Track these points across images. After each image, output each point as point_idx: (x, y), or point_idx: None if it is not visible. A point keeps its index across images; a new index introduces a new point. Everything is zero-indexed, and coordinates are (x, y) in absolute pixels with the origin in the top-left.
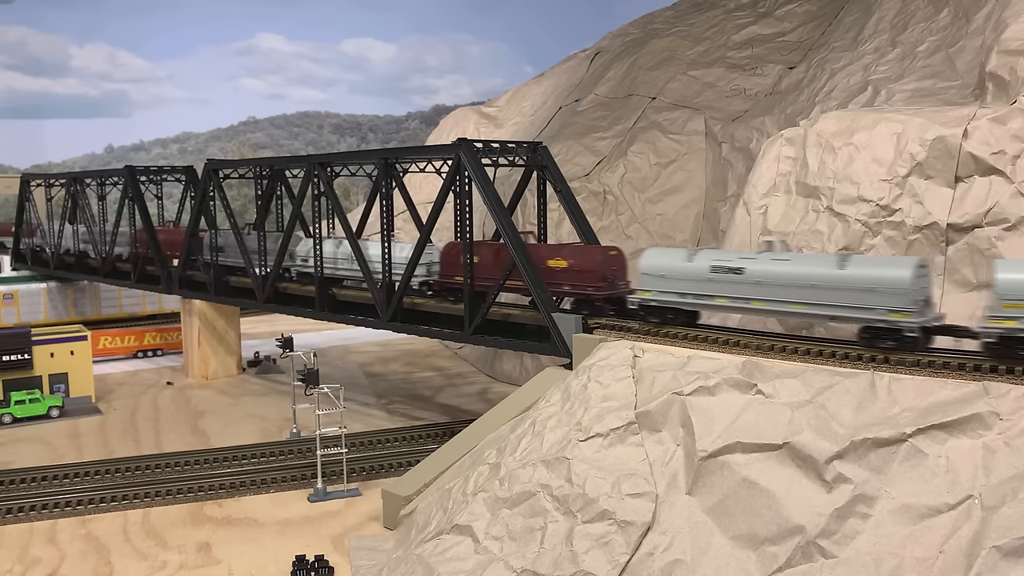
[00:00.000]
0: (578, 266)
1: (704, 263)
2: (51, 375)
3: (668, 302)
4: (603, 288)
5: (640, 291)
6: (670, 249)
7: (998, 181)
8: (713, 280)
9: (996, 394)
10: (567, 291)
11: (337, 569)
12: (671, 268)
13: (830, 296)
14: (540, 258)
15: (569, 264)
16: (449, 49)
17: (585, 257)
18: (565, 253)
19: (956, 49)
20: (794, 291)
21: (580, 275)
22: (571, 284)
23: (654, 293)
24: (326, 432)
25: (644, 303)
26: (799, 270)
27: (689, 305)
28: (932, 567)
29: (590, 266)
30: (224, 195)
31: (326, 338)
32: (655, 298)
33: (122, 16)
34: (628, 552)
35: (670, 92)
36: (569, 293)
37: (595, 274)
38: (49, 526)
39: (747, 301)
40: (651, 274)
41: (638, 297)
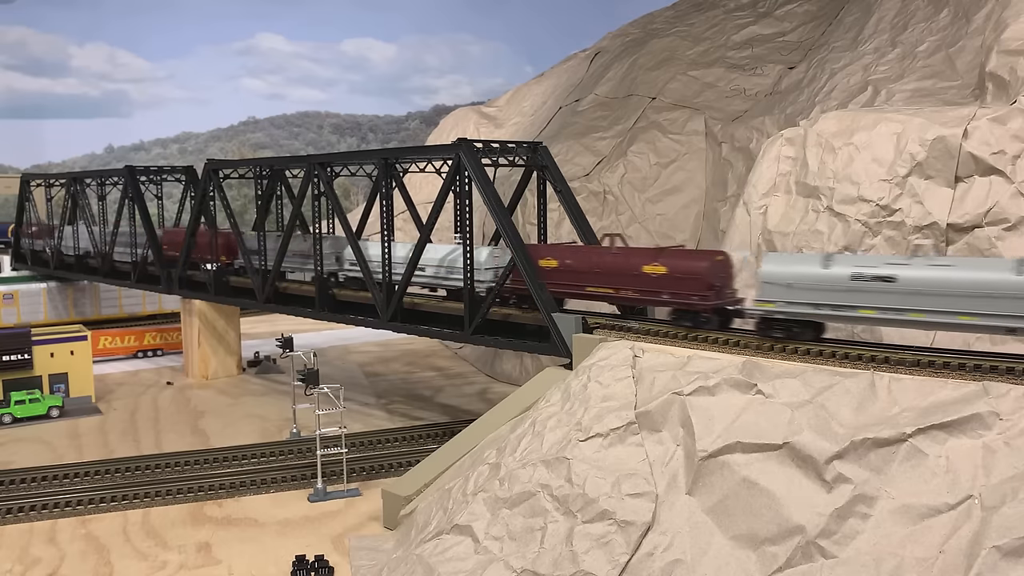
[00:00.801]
0: (680, 272)
1: (843, 270)
2: (51, 375)
3: (798, 314)
4: (710, 298)
5: (761, 302)
6: (796, 255)
7: (998, 181)
8: (855, 290)
9: (996, 394)
10: (665, 300)
11: (337, 569)
12: (801, 276)
13: (1009, 306)
14: (633, 264)
15: (669, 270)
16: (449, 49)
17: (688, 263)
18: (664, 258)
19: (956, 49)
20: (962, 301)
21: (682, 283)
22: (671, 293)
23: (779, 304)
24: (326, 432)
25: (768, 316)
26: (968, 276)
27: (824, 318)
28: (932, 567)
29: (695, 273)
30: (224, 195)
31: (326, 338)
32: (781, 310)
33: (122, 16)
34: (628, 552)
35: (670, 92)
36: (668, 303)
37: (700, 282)
38: (49, 526)
39: (901, 312)
40: (775, 283)
41: (760, 309)
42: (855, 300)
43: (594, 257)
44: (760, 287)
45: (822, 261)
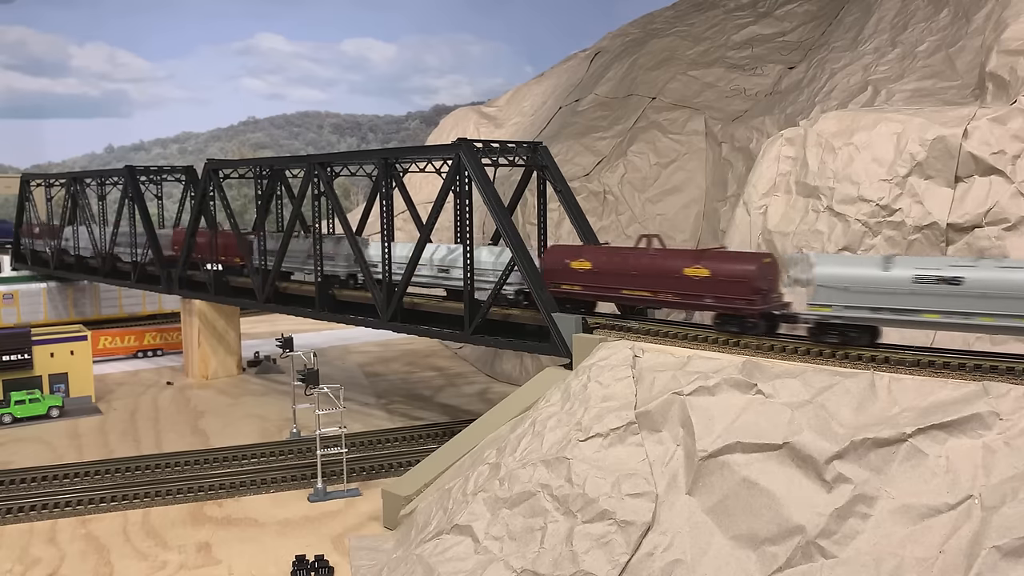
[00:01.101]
0: (724, 275)
1: (905, 272)
2: (51, 375)
3: (856, 319)
4: (757, 302)
5: (816, 306)
6: (853, 256)
7: (998, 181)
8: (919, 293)
9: (996, 394)
10: (708, 305)
11: (337, 569)
12: (859, 279)
13: None
14: (674, 266)
15: (713, 273)
16: (449, 49)
17: (734, 265)
18: (708, 260)
19: (956, 49)
20: None
21: (727, 286)
22: (715, 297)
23: (836, 308)
24: (326, 432)
25: (823, 320)
26: None
27: (885, 322)
28: (932, 567)
29: (741, 276)
30: (224, 195)
31: (326, 338)
32: (838, 314)
33: (122, 16)
34: (628, 552)
35: (670, 92)
36: (711, 307)
37: (747, 285)
38: (49, 526)
39: (968, 316)
40: (831, 286)
41: (815, 314)
42: (918, 303)
43: (631, 259)
44: (814, 290)
45: (882, 263)
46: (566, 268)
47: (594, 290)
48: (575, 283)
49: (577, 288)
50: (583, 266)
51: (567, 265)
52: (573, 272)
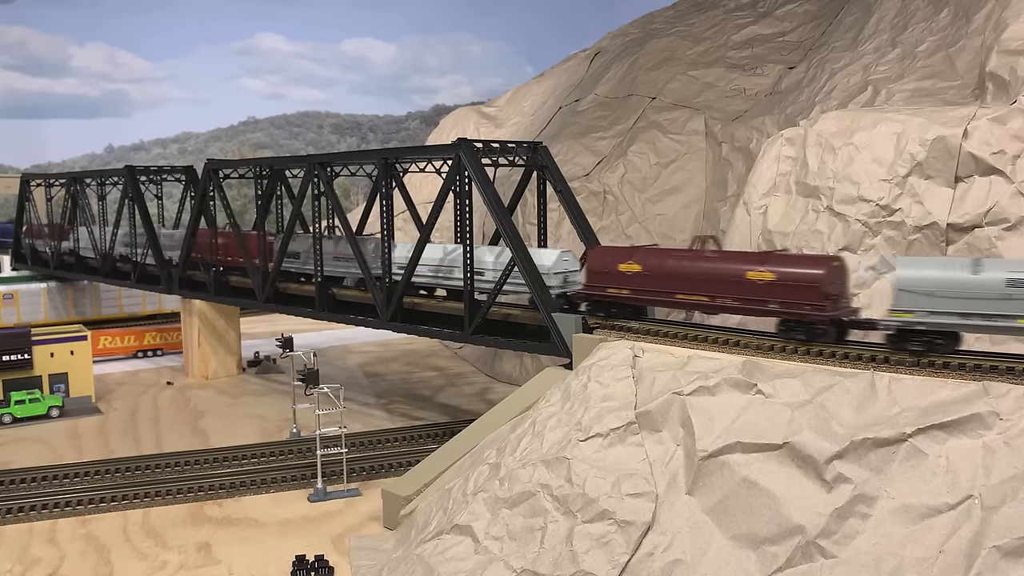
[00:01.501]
0: (792, 280)
1: (997, 275)
2: (51, 375)
3: (943, 325)
4: (827, 308)
5: (897, 312)
6: (936, 259)
7: (998, 181)
8: (1012, 297)
9: (996, 394)
10: (773, 310)
11: (337, 569)
12: (946, 283)
13: None
14: (736, 270)
15: (778, 277)
16: (449, 49)
17: (803, 269)
18: (772, 263)
19: (956, 49)
20: None
21: (794, 291)
22: (780, 302)
23: (919, 314)
24: (326, 432)
25: (906, 327)
26: None
27: (974, 329)
28: (932, 567)
29: (810, 280)
30: (224, 195)
31: (326, 338)
32: (922, 320)
33: (122, 16)
34: (628, 552)
35: (670, 92)
36: (776, 313)
37: (816, 290)
38: (49, 526)
39: None
40: (913, 291)
41: (896, 320)
42: (1012, 309)
43: (686, 261)
44: (895, 295)
45: (971, 266)
46: (613, 271)
47: (644, 294)
48: (623, 287)
49: (625, 292)
50: (632, 269)
51: (614, 268)
52: (621, 275)
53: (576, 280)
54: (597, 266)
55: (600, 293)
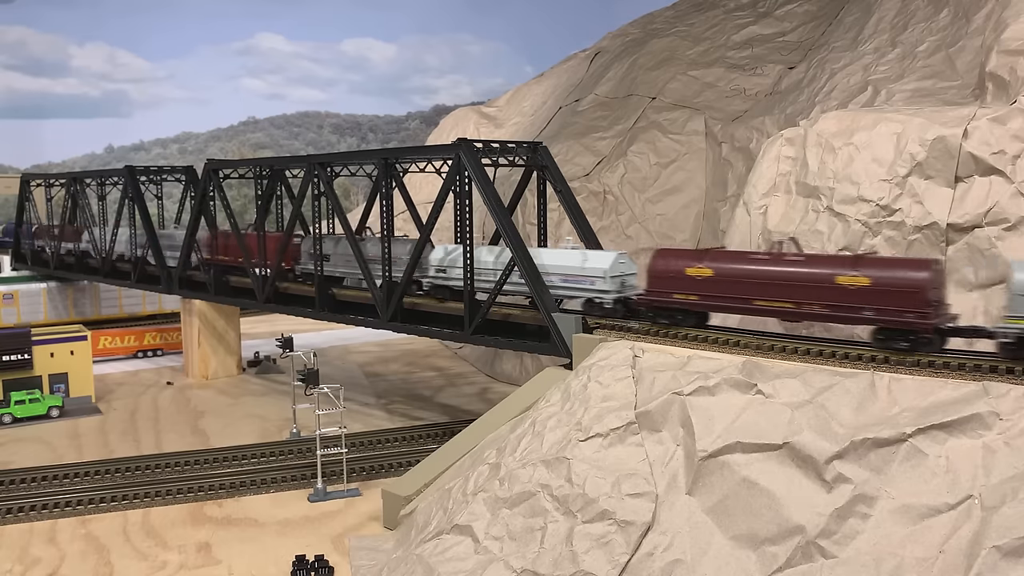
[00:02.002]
0: (890, 285)
1: None
2: (51, 375)
3: None
4: (931, 315)
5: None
6: None
7: (998, 181)
8: None
9: (996, 394)
10: (868, 318)
11: (337, 569)
12: None
13: None
14: (824, 274)
15: (874, 282)
16: (449, 49)
17: (902, 273)
18: (866, 267)
19: (956, 49)
20: None
21: (893, 297)
22: (876, 309)
23: None
24: (326, 432)
25: None
26: None
27: None
28: (932, 567)
29: (912, 285)
30: (224, 195)
31: (326, 338)
32: None
33: (122, 16)
34: (628, 552)
35: (670, 92)
36: (872, 320)
37: (919, 296)
38: (49, 526)
39: None
40: None
41: (1015, 327)
42: None
43: (766, 265)
44: (1012, 300)
45: None
46: (680, 275)
47: (717, 300)
48: (692, 292)
49: (694, 298)
50: (703, 273)
51: (681, 272)
52: (690, 280)
53: (633, 284)
54: (662, 270)
55: (664, 299)
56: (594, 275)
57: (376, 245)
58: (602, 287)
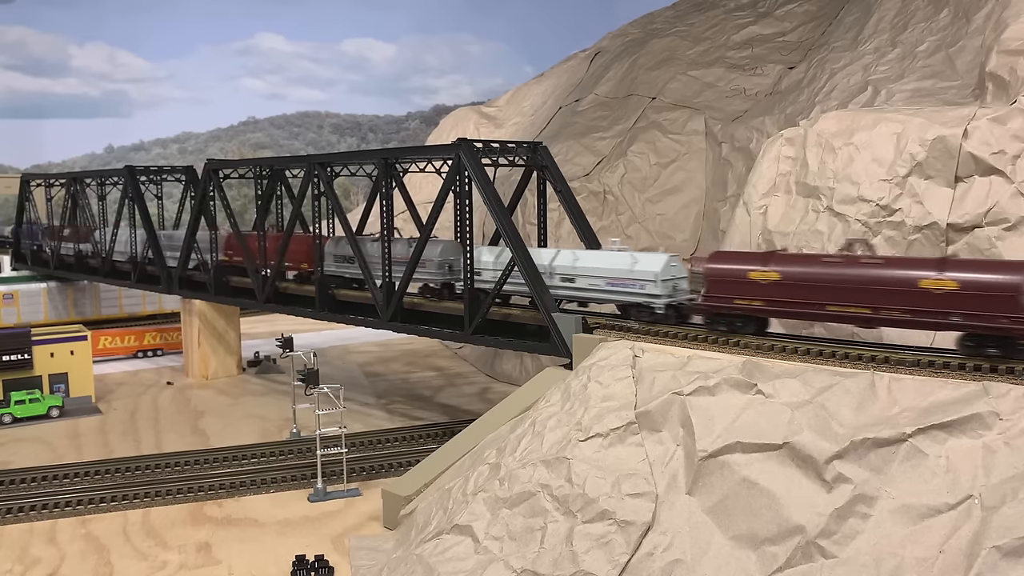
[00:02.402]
0: (981, 288)
1: None
2: (51, 375)
3: None
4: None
5: None
6: None
7: (998, 181)
8: None
9: (996, 394)
10: (956, 324)
11: (337, 569)
12: None
13: None
14: (906, 277)
15: (962, 285)
16: (449, 49)
17: (993, 275)
18: (953, 269)
19: (956, 49)
20: None
21: (985, 301)
22: (965, 314)
23: None
24: (326, 432)
25: None
26: None
27: None
28: (932, 567)
29: (1005, 288)
30: (224, 195)
31: (326, 338)
32: None
33: (122, 16)
34: (628, 552)
35: (670, 92)
36: (960, 326)
37: (1015, 300)
38: (49, 526)
39: None
40: None
41: None
42: None
43: (840, 268)
44: None
45: None
46: (742, 279)
47: (784, 306)
48: (755, 298)
49: (758, 304)
50: (768, 277)
51: (744, 276)
52: (753, 285)
53: (684, 288)
54: (721, 274)
55: (724, 304)
56: (644, 279)
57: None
58: (652, 291)
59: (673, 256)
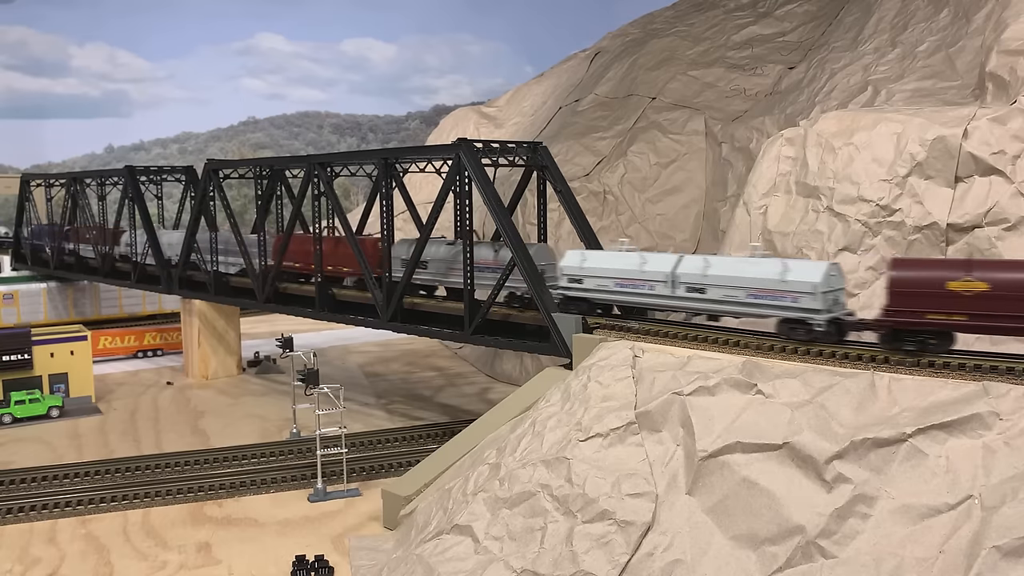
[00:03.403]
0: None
1: None
2: (51, 375)
3: None
4: None
5: None
6: None
7: (998, 181)
8: None
9: (996, 394)
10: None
11: (337, 569)
12: None
13: None
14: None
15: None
16: (449, 49)
17: None
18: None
19: (956, 49)
20: None
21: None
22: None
23: None
24: (326, 432)
25: None
26: None
27: None
28: (932, 567)
29: None
30: (224, 195)
31: (326, 338)
32: None
33: (122, 16)
34: (628, 552)
35: (670, 92)
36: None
37: None
38: (49, 526)
39: None
40: None
41: None
42: None
43: None
44: None
45: None
46: (938, 290)
47: (997, 321)
48: (956, 311)
49: (961, 319)
50: (974, 288)
51: (940, 286)
52: (953, 297)
53: (842, 301)
54: (908, 284)
55: (914, 320)
56: (800, 290)
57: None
58: (810, 305)
59: (833, 264)
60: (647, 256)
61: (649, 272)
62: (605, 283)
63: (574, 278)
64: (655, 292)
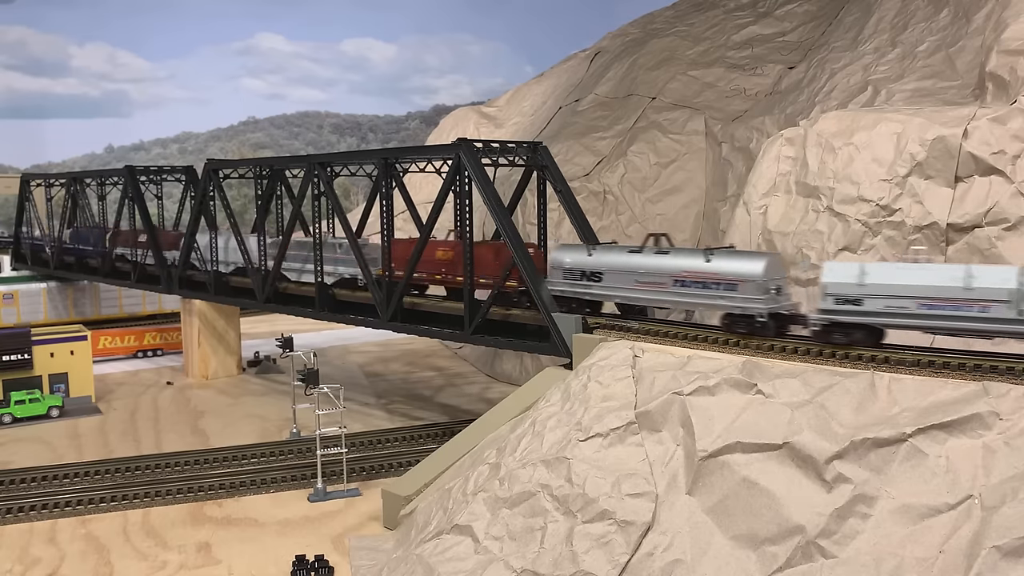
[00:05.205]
0: None
1: None
2: (51, 375)
3: None
4: None
5: None
6: None
7: (998, 181)
8: None
9: (996, 394)
10: None
11: (337, 569)
12: None
13: None
14: None
15: None
16: (449, 49)
17: None
18: None
19: (956, 49)
20: None
21: None
22: None
23: None
24: (326, 432)
25: None
26: None
27: None
28: (932, 567)
29: None
30: (224, 195)
31: (326, 338)
32: None
33: (122, 16)
34: (628, 552)
35: (670, 92)
36: None
37: None
38: (49, 526)
39: None
40: None
41: None
42: None
43: None
44: None
45: None
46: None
47: None
48: None
49: None
50: None
51: None
52: None
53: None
54: None
55: None
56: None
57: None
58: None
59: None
60: (974, 270)
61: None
62: (905, 304)
63: (848, 298)
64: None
